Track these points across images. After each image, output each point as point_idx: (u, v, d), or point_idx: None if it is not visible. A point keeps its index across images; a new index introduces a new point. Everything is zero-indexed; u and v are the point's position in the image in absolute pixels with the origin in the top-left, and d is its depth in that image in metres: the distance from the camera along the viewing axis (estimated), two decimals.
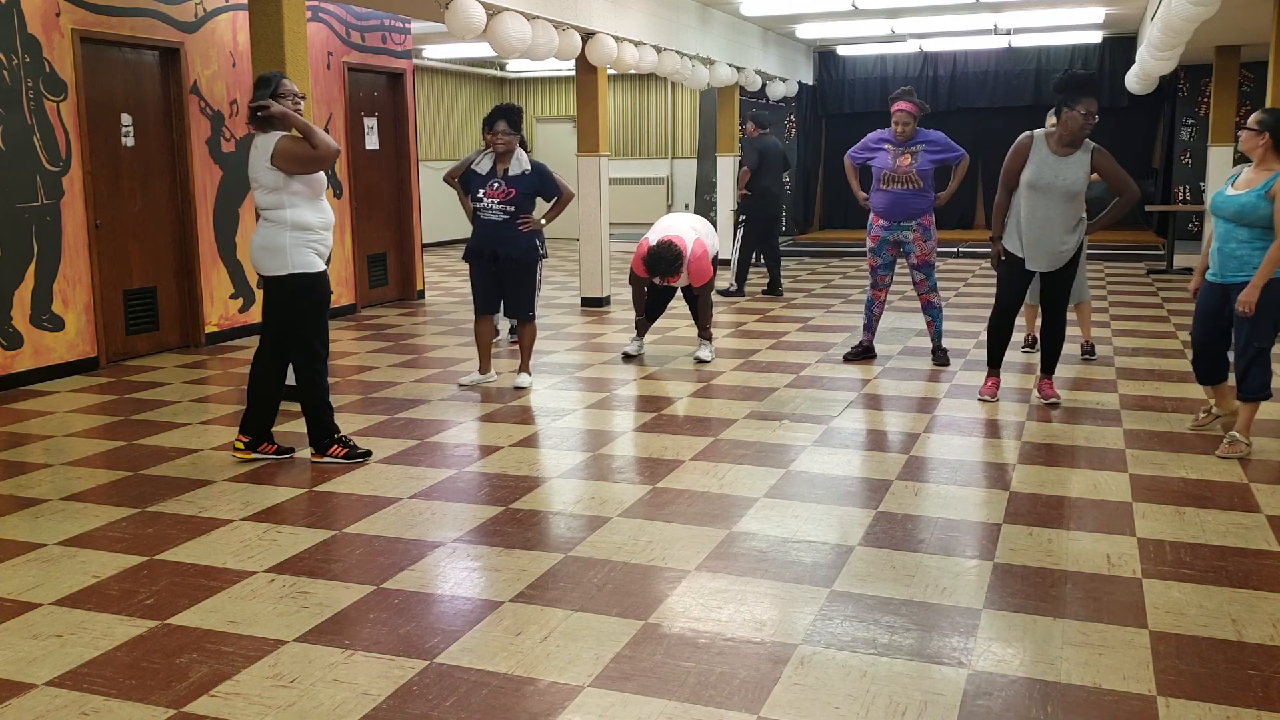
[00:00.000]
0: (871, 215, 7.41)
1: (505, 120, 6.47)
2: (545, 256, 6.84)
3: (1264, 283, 4.99)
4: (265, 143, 4.88)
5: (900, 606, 3.47)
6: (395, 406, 6.37)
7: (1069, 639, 3.23)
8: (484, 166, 6.60)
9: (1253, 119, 5.10)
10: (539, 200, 6.74)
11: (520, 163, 6.56)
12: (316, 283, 5.01)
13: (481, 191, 6.55)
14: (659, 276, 7.27)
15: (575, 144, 10.70)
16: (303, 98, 5.02)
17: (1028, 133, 5.96)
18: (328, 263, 5.11)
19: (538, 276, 6.83)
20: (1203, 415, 5.63)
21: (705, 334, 7.67)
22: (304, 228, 4.92)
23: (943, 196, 7.38)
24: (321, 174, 5.01)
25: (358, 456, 5.20)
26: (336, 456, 5.17)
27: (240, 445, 5.21)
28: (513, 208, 6.51)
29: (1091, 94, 5.69)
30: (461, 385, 6.90)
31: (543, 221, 6.68)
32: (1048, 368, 6.22)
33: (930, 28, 13.85)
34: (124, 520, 4.41)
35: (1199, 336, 5.38)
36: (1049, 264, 5.94)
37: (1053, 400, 6.16)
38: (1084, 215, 5.96)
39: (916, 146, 7.26)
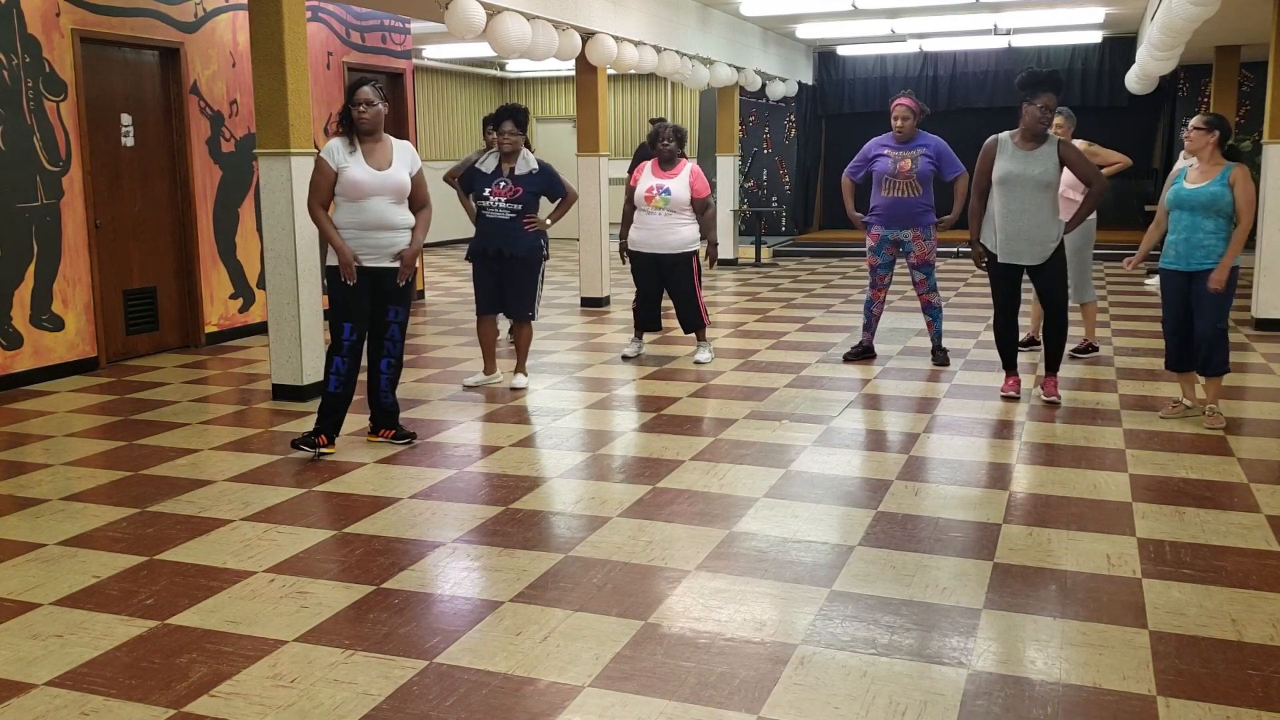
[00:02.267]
0: (870, 216, 7.41)
1: (513, 120, 6.50)
2: (547, 258, 6.85)
3: (1231, 263, 5.50)
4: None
5: (900, 606, 3.47)
6: None
7: (1069, 639, 3.23)
8: (489, 166, 6.61)
9: (1200, 120, 5.59)
10: (543, 201, 6.74)
11: (527, 162, 6.58)
12: (334, 275, 5.25)
13: (488, 190, 6.56)
14: (661, 141, 7.39)
15: (575, 144, 10.71)
16: (370, 104, 5.15)
17: (992, 136, 6.14)
18: (390, 261, 5.28)
19: (540, 277, 6.83)
20: (1172, 407, 5.89)
21: (700, 329, 7.64)
22: (338, 226, 5.22)
23: (948, 220, 7.33)
24: (358, 177, 5.16)
25: (309, 453, 5.29)
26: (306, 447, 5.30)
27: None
28: (520, 206, 6.52)
29: (1049, 89, 5.86)
30: (466, 386, 6.87)
31: (548, 222, 6.70)
32: (1052, 366, 6.24)
33: (930, 28, 13.86)
34: (124, 520, 4.41)
35: (1174, 323, 5.73)
36: (1032, 256, 5.98)
37: (1053, 399, 6.16)
38: (1058, 211, 6.07)
39: (916, 151, 7.25)
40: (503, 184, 6.53)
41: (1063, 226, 6.05)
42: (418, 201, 5.37)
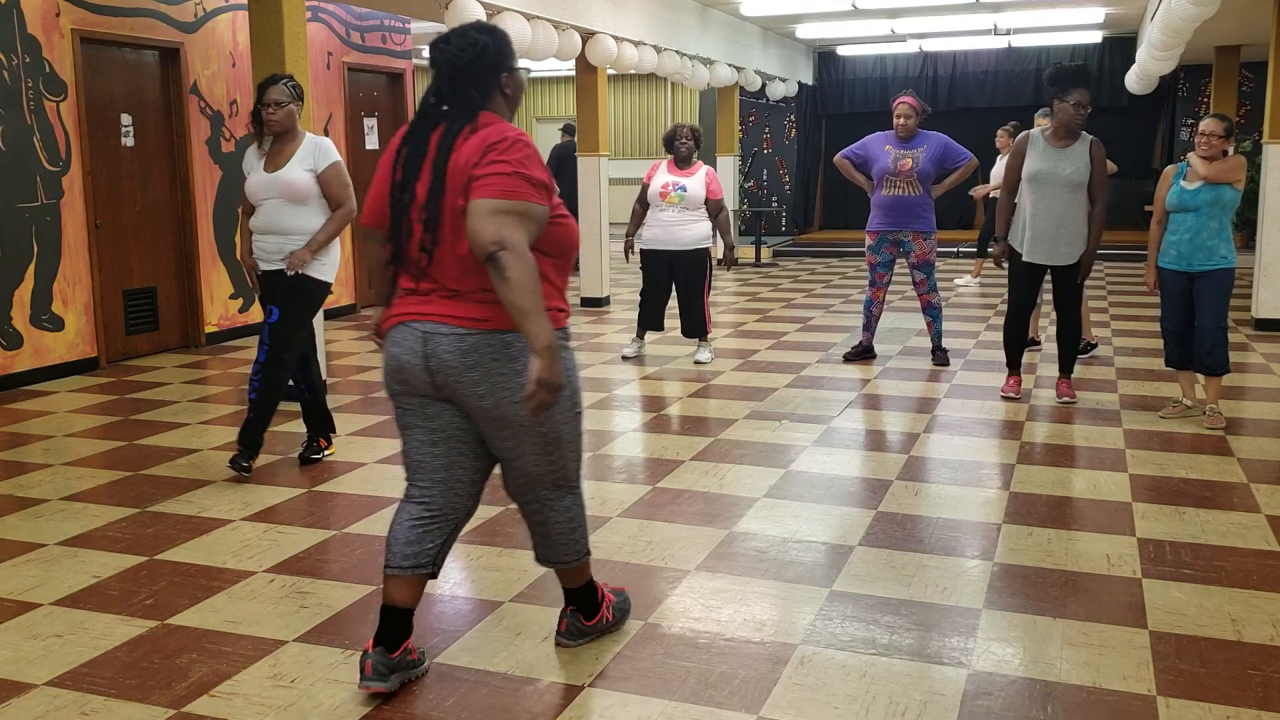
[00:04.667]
0: (870, 216, 7.42)
1: None
2: None
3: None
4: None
5: (900, 606, 3.47)
6: None
7: (1069, 639, 3.23)
8: None
9: (1220, 127, 5.51)
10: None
11: None
12: (257, 283, 5.09)
13: None
14: (678, 140, 7.39)
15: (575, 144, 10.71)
16: (279, 104, 4.86)
17: (1024, 132, 6.13)
18: (279, 263, 4.95)
19: None
20: (1172, 407, 5.90)
21: (703, 335, 7.65)
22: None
23: (938, 189, 7.35)
24: (251, 181, 4.96)
25: (319, 458, 5.24)
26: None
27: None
28: None
29: (1082, 84, 5.85)
30: None
31: None
32: (1065, 368, 6.25)
33: (930, 28, 13.86)
34: (124, 520, 4.41)
35: (1173, 322, 5.72)
36: (1062, 256, 5.95)
37: (1068, 399, 6.17)
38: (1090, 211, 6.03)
39: (918, 149, 7.24)
40: None
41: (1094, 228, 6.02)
42: (332, 202, 4.95)
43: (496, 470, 3.03)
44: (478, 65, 2.82)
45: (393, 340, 2.86)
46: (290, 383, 5.13)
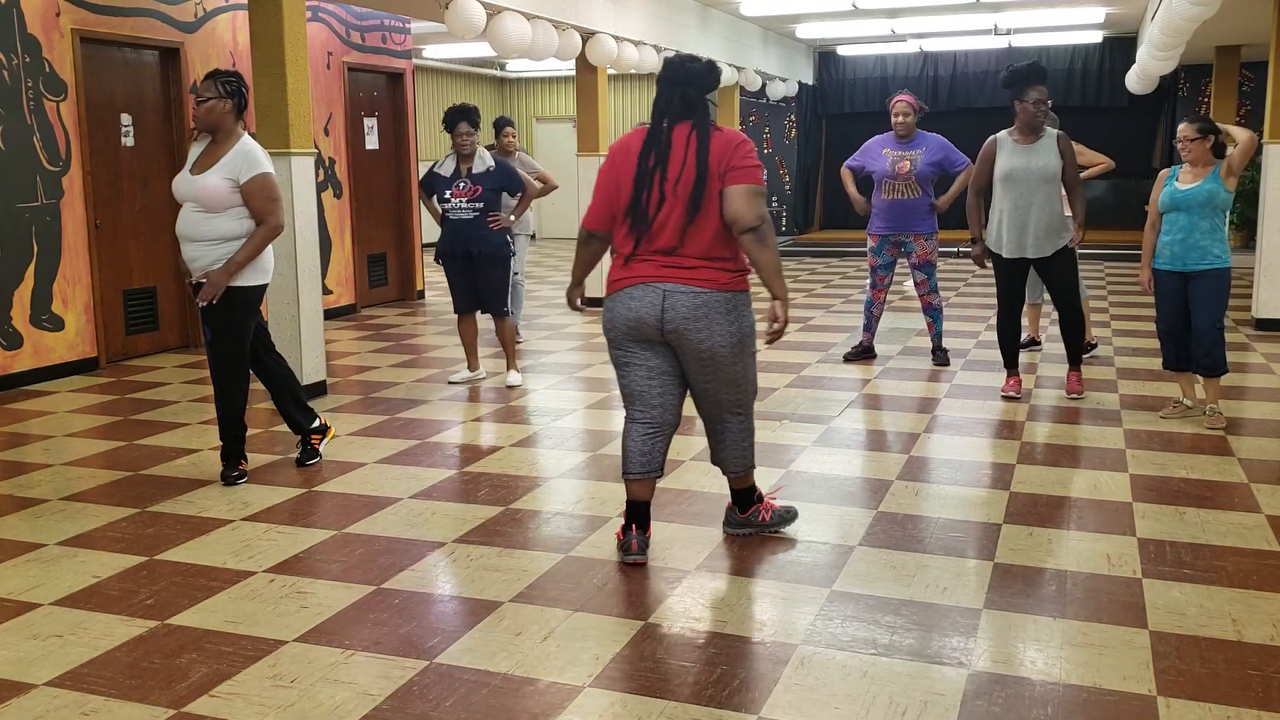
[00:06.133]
0: (871, 219, 7.42)
1: (466, 121, 6.61)
2: (514, 254, 6.98)
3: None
4: None
5: (900, 606, 3.47)
6: (395, 406, 6.37)
7: (1069, 639, 3.22)
8: (447, 169, 6.73)
9: (1194, 129, 5.51)
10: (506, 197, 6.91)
11: (483, 160, 6.71)
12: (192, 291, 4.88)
13: (448, 192, 6.68)
14: None
15: (575, 144, 10.71)
16: (202, 99, 4.65)
17: (991, 137, 6.22)
18: (198, 276, 4.74)
19: (512, 273, 6.99)
20: (1172, 407, 5.90)
21: None
22: None
23: (941, 203, 7.33)
24: (174, 180, 4.80)
25: (319, 458, 5.22)
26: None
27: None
28: (481, 204, 6.63)
29: (1038, 81, 5.96)
30: (451, 383, 6.96)
31: (511, 218, 6.84)
32: (1073, 362, 6.31)
33: (930, 28, 13.86)
34: (124, 520, 4.41)
35: (1168, 323, 5.72)
36: (1042, 248, 6.01)
37: (1076, 395, 6.19)
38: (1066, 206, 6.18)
39: (916, 151, 7.23)
40: (462, 185, 6.65)
41: (1069, 221, 6.11)
42: (254, 215, 4.68)
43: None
44: (717, 83, 3.74)
45: (631, 296, 3.63)
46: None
